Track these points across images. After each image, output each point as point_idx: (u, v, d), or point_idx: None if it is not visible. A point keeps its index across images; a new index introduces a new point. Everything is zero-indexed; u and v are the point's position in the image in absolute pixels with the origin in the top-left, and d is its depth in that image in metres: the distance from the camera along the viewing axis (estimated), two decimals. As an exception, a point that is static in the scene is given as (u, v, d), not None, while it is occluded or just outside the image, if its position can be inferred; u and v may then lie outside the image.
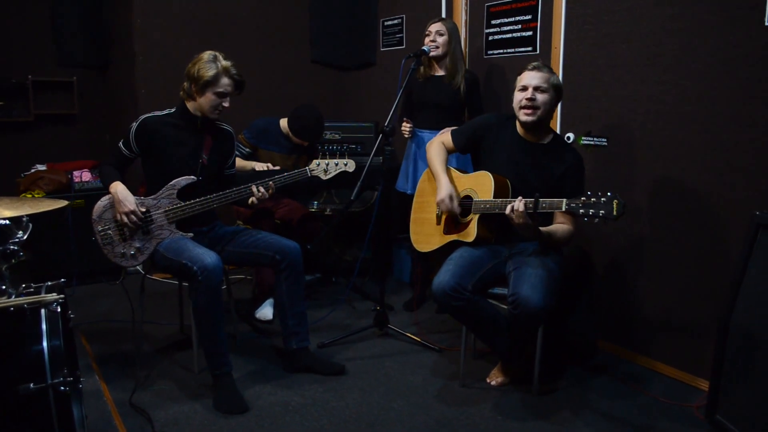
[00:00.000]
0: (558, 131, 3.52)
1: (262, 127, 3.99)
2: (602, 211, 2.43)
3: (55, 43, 4.98)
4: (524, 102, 2.80)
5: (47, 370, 1.87)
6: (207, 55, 2.96)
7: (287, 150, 4.03)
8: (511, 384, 3.04)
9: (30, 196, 4.14)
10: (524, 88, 2.81)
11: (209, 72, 2.91)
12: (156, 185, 3.01)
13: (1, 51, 4.81)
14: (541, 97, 2.79)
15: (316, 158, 4.13)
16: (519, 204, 2.60)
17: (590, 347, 3.33)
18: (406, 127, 3.87)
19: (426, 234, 3.17)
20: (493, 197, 2.81)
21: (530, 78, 2.80)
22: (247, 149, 3.94)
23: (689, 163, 2.98)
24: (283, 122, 4.02)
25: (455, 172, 3.10)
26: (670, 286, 3.11)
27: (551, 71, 2.84)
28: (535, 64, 2.84)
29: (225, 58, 2.97)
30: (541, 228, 2.71)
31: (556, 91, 2.83)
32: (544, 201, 2.58)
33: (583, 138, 3.41)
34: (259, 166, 3.80)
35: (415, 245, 3.25)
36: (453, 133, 3.12)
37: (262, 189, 3.03)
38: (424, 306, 4.11)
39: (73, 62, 5.07)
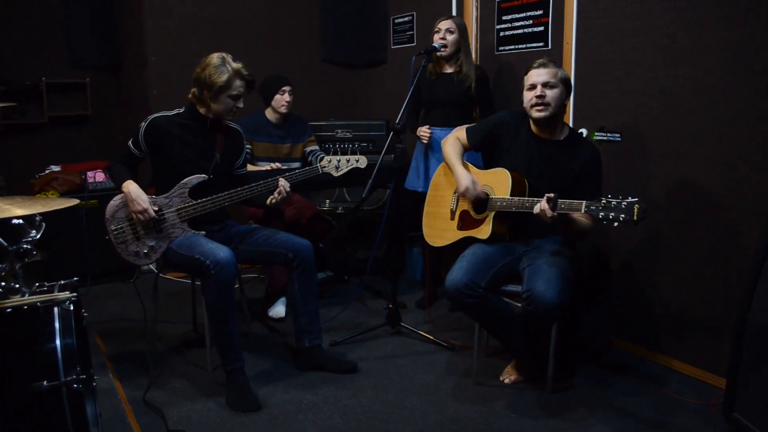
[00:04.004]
0: (571, 126, 3.49)
1: (251, 123, 4.02)
2: (623, 216, 2.39)
3: (68, 46, 5.03)
4: (534, 100, 2.78)
5: (60, 368, 1.88)
6: (215, 58, 2.93)
7: (279, 139, 4.09)
8: (525, 382, 3.02)
9: (44, 196, 4.16)
10: (533, 87, 2.80)
11: (222, 77, 2.89)
12: (166, 185, 3.01)
13: (14, 54, 4.85)
14: (550, 93, 2.77)
15: (310, 143, 4.17)
16: (547, 209, 2.56)
17: (604, 344, 3.31)
18: (425, 133, 3.83)
19: (439, 229, 3.16)
20: (510, 195, 2.79)
21: (537, 75, 2.79)
22: (248, 146, 3.95)
23: (703, 157, 2.95)
24: (267, 111, 4.09)
25: (472, 168, 3.07)
26: (685, 282, 3.08)
27: (557, 66, 2.83)
28: (540, 61, 2.82)
29: (233, 60, 2.96)
30: (566, 217, 2.65)
31: (565, 85, 2.82)
32: (563, 202, 2.55)
33: (596, 133, 3.39)
34: (271, 167, 3.82)
35: (427, 239, 3.23)
36: (468, 130, 3.10)
37: (279, 188, 3.02)
38: (437, 304, 4.10)
39: (86, 64, 5.11)
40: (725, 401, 2.54)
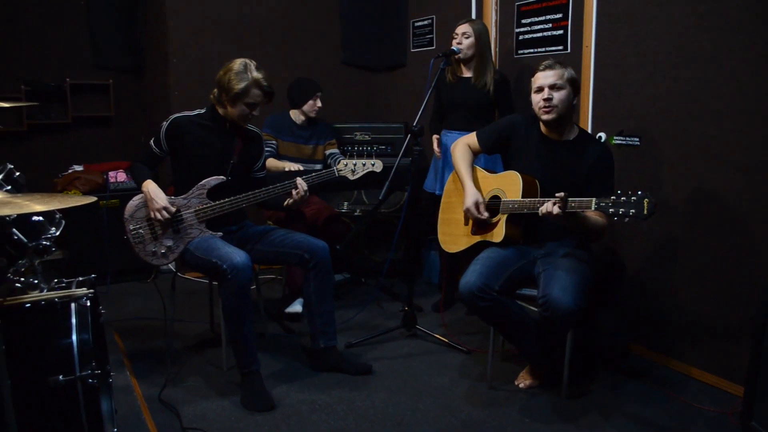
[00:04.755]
0: (590, 130, 3.47)
1: (277, 121, 4.10)
2: (632, 210, 2.39)
3: (92, 48, 5.11)
4: (542, 103, 2.79)
5: (76, 363, 1.91)
6: (238, 64, 2.95)
7: (303, 139, 4.13)
8: (540, 387, 3.00)
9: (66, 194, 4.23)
10: (540, 89, 2.80)
11: (240, 84, 2.91)
12: (185, 185, 3.04)
13: (39, 55, 4.94)
14: (557, 95, 2.77)
15: (330, 146, 4.19)
16: (552, 207, 2.55)
17: (621, 350, 3.28)
18: (436, 147, 3.87)
19: (454, 235, 3.16)
20: (522, 197, 2.78)
21: (544, 78, 2.79)
22: (273, 142, 4.01)
23: (722, 161, 2.91)
24: (293, 112, 4.13)
25: (482, 173, 3.07)
26: (704, 288, 3.04)
27: (564, 66, 2.82)
28: (546, 63, 2.82)
29: (256, 68, 2.97)
30: (576, 213, 2.63)
31: (573, 86, 2.81)
32: (573, 200, 2.54)
33: (615, 137, 3.36)
34: (291, 167, 3.84)
35: (442, 246, 3.23)
36: (478, 134, 3.11)
37: (297, 187, 3.03)
38: (453, 307, 4.09)
39: (109, 66, 5.19)
40: (743, 410, 2.51)
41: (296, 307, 3.87)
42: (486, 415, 2.76)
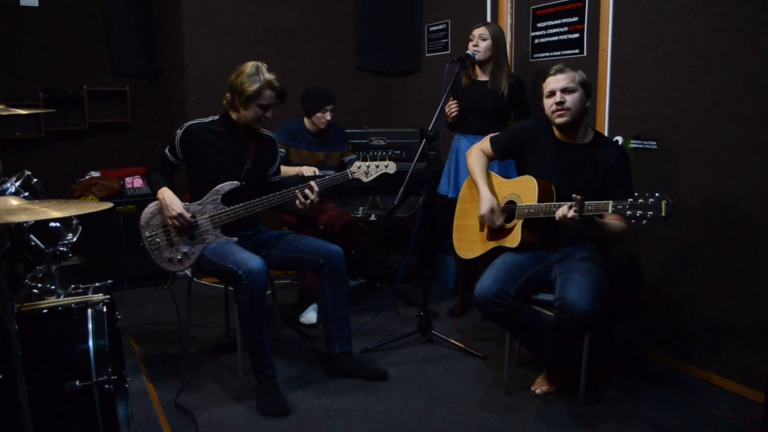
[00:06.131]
0: (606, 134, 3.45)
1: (290, 128, 4.04)
2: (650, 212, 2.36)
3: (109, 55, 5.16)
4: (555, 106, 2.77)
5: (92, 369, 1.92)
6: (249, 67, 2.97)
7: (316, 146, 4.08)
8: (557, 393, 2.98)
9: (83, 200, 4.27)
10: (552, 93, 2.78)
11: (253, 86, 2.93)
12: (200, 191, 3.05)
13: (57, 63, 5.00)
14: (570, 98, 2.75)
15: (348, 153, 4.17)
16: (568, 211, 2.53)
17: (640, 356, 3.24)
18: (452, 107, 3.80)
19: (469, 241, 3.14)
20: (538, 202, 2.76)
21: (555, 82, 2.77)
22: (282, 150, 3.99)
23: (742, 165, 2.87)
24: (306, 121, 4.07)
25: (497, 178, 3.06)
26: (722, 293, 3.00)
27: (575, 69, 2.80)
28: (556, 67, 2.80)
29: (268, 70, 2.98)
30: (593, 217, 2.60)
31: (585, 88, 2.79)
32: (590, 204, 2.51)
33: (632, 141, 3.33)
34: (307, 171, 3.84)
35: (458, 252, 3.22)
36: (491, 140, 3.10)
37: (306, 191, 3.04)
38: (469, 313, 4.07)
39: (126, 72, 5.23)
40: (763, 417, 2.48)
41: (310, 315, 3.86)
42: (502, 422, 2.74)
